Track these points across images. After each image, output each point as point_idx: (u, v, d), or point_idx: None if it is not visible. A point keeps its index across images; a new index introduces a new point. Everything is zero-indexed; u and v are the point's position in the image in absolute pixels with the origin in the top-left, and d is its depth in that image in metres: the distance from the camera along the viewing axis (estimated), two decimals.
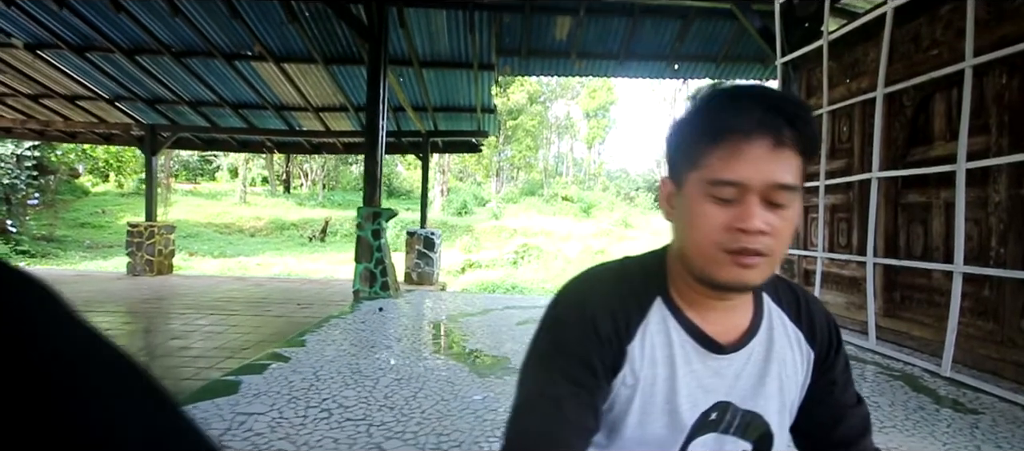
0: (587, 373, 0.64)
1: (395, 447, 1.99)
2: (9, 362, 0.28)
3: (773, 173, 0.58)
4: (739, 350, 0.69)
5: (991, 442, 2.24)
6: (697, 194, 0.61)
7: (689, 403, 0.68)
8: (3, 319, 0.31)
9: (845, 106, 4.44)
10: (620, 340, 0.67)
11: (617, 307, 0.68)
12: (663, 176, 0.69)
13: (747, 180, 0.59)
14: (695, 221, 0.62)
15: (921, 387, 3.01)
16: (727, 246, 0.60)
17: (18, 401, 0.28)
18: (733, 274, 0.61)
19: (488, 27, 6.53)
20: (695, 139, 0.62)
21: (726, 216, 0.60)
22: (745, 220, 0.58)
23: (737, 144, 0.59)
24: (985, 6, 3.33)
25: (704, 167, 0.60)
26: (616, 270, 0.73)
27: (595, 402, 0.65)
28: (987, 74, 3.33)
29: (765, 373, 0.71)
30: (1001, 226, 3.26)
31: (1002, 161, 3.11)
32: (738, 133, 0.59)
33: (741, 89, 0.61)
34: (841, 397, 0.75)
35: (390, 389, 2.65)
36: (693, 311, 0.69)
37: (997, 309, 3.28)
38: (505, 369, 3.09)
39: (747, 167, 0.58)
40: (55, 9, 6.20)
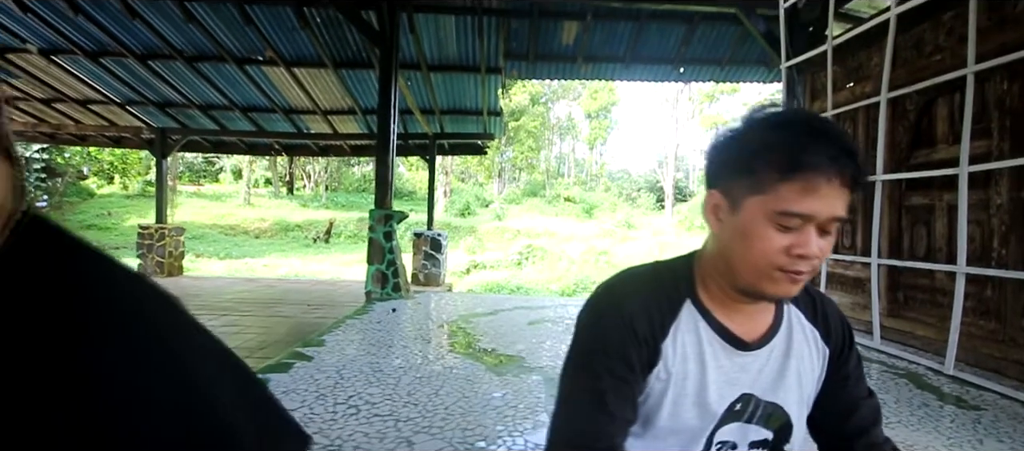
0: (626, 369, 0.71)
1: (423, 441, 2.08)
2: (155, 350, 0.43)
3: (835, 209, 0.64)
4: (762, 347, 0.76)
5: (993, 437, 2.32)
6: (760, 218, 0.66)
7: (717, 395, 0.74)
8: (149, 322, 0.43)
9: (849, 110, 4.53)
10: (655, 338, 0.73)
11: (652, 308, 0.74)
12: (711, 190, 0.73)
13: (815, 214, 0.64)
14: (755, 243, 0.67)
15: (925, 385, 3.10)
16: (784, 267, 0.66)
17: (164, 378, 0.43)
18: (783, 289, 0.68)
19: (496, 32, 6.63)
20: (764, 167, 0.65)
21: (786, 241, 0.65)
22: (805, 247, 0.65)
23: (813, 182, 0.63)
24: (986, 13, 3.42)
25: (773, 196, 0.64)
26: (649, 274, 0.80)
27: (633, 395, 0.72)
28: (989, 80, 3.41)
29: (785, 368, 0.77)
30: (1003, 228, 3.35)
31: (1004, 165, 3.20)
32: (816, 172, 0.62)
33: (815, 126, 0.65)
34: (854, 390, 0.81)
35: (412, 386, 2.75)
36: (720, 312, 0.76)
37: (999, 309, 3.36)
38: (521, 368, 3.18)
39: (818, 204, 0.63)
40: (71, 16, 6.31)
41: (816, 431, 0.84)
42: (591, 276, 14.82)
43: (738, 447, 0.77)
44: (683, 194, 32.05)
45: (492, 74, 7.54)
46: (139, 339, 0.43)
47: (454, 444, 2.06)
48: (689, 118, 34.44)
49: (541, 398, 2.65)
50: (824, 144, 0.63)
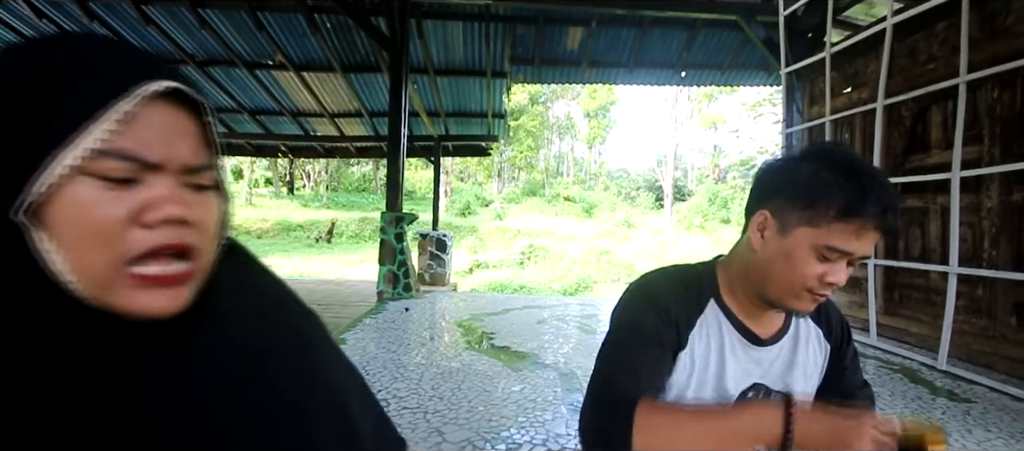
0: (659, 347, 0.82)
1: (452, 431, 2.24)
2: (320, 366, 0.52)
3: (870, 249, 0.76)
4: (774, 344, 0.89)
5: (981, 426, 2.49)
6: (806, 246, 0.75)
7: (734, 383, 0.87)
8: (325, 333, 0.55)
9: (847, 115, 4.69)
10: (683, 327, 0.85)
11: (681, 302, 0.87)
12: (762, 210, 0.81)
13: (856, 252, 0.74)
14: (797, 267, 0.76)
15: (919, 379, 3.26)
16: (813, 290, 0.77)
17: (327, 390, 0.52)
18: (804, 307, 0.80)
19: (502, 38, 6.78)
20: (823, 205, 0.74)
21: (822, 269, 0.75)
22: (837, 276, 0.75)
23: (863, 228, 0.73)
24: (978, 25, 3.58)
25: (825, 231, 0.74)
26: (677, 274, 0.93)
27: (662, 369, 0.82)
28: (980, 88, 3.57)
29: (793, 363, 0.91)
30: (993, 230, 3.51)
31: (994, 170, 3.37)
32: (866, 220, 0.72)
33: (873, 177, 0.74)
34: (851, 380, 0.94)
35: (435, 382, 2.90)
36: (740, 312, 0.89)
37: (990, 307, 3.53)
38: (536, 364, 3.34)
39: (860, 245, 0.74)
40: (86, 22, 6.44)
41: None
42: (593, 275, 14.98)
43: None
44: (682, 193, 32.21)
45: (497, 78, 7.69)
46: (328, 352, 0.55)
47: (481, 434, 2.22)
48: (688, 117, 34.59)
49: (558, 391, 2.81)
50: (876, 197, 0.72)
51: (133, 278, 0.38)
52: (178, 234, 0.39)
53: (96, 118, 0.36)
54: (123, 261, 0.37)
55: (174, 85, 0.39)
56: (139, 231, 0.38)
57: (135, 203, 0.38)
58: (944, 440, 0.65)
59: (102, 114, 0.36)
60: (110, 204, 0.37)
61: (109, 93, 0.36)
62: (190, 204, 0.40)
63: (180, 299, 0.40)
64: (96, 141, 0.36)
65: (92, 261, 0.37)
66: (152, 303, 0.39)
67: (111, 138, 0.36)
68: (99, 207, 0.36)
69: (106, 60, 0.38)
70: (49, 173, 0.35)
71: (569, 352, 3.70)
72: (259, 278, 0.53)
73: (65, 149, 0.35)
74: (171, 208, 0.38)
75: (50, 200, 0.36)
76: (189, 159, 0.40)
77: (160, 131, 0.38)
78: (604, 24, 6.60)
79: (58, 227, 0.36)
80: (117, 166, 0.37)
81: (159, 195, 0.38)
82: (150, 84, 0.38)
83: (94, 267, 0.37)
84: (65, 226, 0.36)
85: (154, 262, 0.38)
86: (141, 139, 0.37)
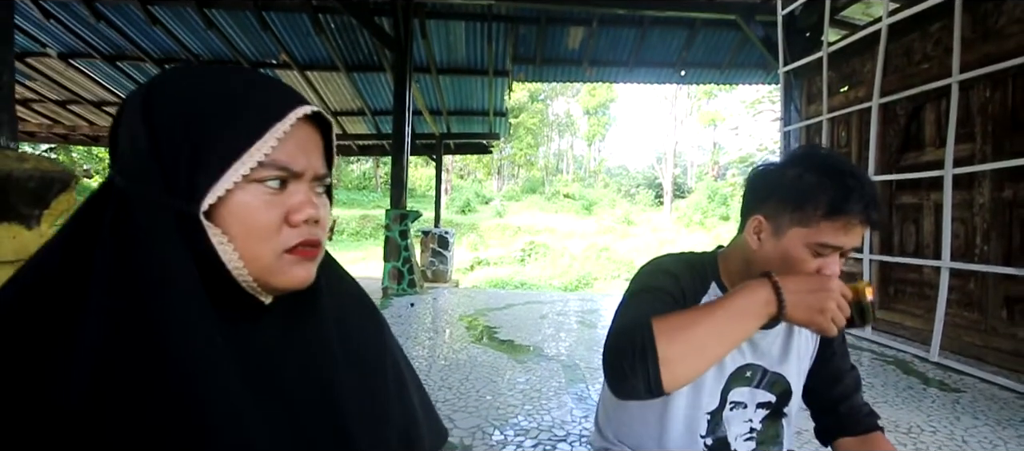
0: (672, 298, 0.89)
1: (462, 418, 2.34)
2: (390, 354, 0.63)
3: (858, 242, 0.84)
4: (771, 327, 0.96)
5: (969, 414, 2.59)
6: (800, 245, 0.82)
7: (730, 359, 0.95)
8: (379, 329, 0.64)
9: (843, 114, 4.78)
10: (691, 297, 0.93)
11: (688, 279, 0.95)
12: (756, 215, 0.88)
13: (845, 246, 0.81)
14: (793, 265, 0.83)
15: (911, 370, 3.36)
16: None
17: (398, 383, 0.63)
18: None
19: (504, 37, 6.87)
20: (811, 207, 0.81)
21: (816, 264, 0.82)
22: (830, 269, 0.82)
23: (850, 224, 0.80)
24: (971, 26, 3.66)
25: (815, 230, 0.81)
26: (683, 258, 1.01)
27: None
28: (973, 88, 3.66)
29: (788, 346, 0.98)
30: (985, 225, 3.61)
31: (986, 168, 3.46)
32: (851, 216, 0.79)
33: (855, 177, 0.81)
34: (839, 363, 1.01)
35: (443, 373, 3.00)
36: None
37: (981, 301, 3.63)
38: (540, 356, 3.44)
39: (848, 239, 0.81)
40: (92, 22, 6.51)
41: (808, 396, 1.04)
42: (593, 272, 15.09)
43: (748, 406, 0.98)
44: (681, 191, 32.29)
45: (499, 77, 7.77)
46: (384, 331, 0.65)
47: (490, 420, 2.32)
48: (687, 115, 34.66)
49: (562, 382, 2.91)
50: (859, 195, 0.79)
51: (286, 261, 0.47)
52: (313, 231, 0.49)
53: (262, 137, 0.45)
54: (281, 251, 0.47)
55: (317, 110, 0.49)
56: (288, 229, 0.47)
57: (285, 207, 0.47)
58: (870, 286, 0.81)
59: (266, 134, 0.45)
60: (270, 208, 0.46)
61: (270, 118, 0.46)
62: (318, 206, 0.49)
63: (313, 274, 0.50)
64: (261, 155, 0.45)
65: (261, 252, 0.46)
66: (297, 278, 0.48)
67: (272, 153, 0.45)
68: (263, 210, 0.46)
69: (265, 91, 0.47)
70: (226, 181, 0.44)
71: (572, 345, 3.80)
72: (339, 268, 0.63)
73: (238, 161, 0.44)
74: (310, 210, 0.48)
75: (222, 203, 0.44)
76: (319, 169, 0.50)
77: (303, 147, 0.48)
78: (605, 24, 6.69)
79: (230, 225, 0.45)
80: (273, 175, 0.46)
81: (301, 200, 0.48)
82: (300, 109, 0.47)
83: (262, 257, 0.46)
84: (237, 224, 0.45)
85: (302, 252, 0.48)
86: (290, 153, 0.47)
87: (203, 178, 0.43)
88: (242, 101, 0.46)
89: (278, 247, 0.47)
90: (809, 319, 0.75)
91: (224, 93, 0.46)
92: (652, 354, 0.71)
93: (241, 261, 0.46)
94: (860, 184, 0.80)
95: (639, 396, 0.74)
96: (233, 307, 0.47)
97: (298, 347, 0.51)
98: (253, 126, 0.45)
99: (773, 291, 0.75)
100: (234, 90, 0.46)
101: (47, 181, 1.07)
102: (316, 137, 0.50)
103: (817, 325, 0.75)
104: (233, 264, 0.46)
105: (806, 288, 0.75)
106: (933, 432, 2.37)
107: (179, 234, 0.44)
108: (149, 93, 0.46)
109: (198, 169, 0.44)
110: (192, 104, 0.45)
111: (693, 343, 0.73)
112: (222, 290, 0.46)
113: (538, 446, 2.10)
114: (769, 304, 0.75)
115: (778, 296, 0.75)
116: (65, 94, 8.73)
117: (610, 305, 5.58)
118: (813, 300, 0.74)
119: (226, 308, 0.46)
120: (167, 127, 0.44)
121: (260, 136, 0.45)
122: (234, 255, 0.45)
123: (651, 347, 0.72)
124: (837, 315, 0.75)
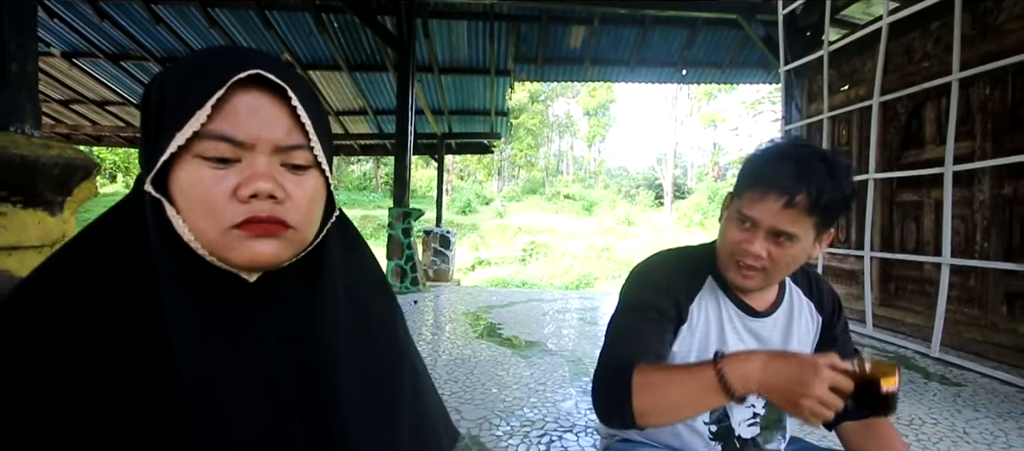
0: (660, 316, 0.90)
1: (469, 410, 2.36)
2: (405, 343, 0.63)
3: (779, 221, 0.81)
4: (769, 315, 0.98)
5: (970, 407, 2.62)
6: (732, 214, 0.88)
7: (732, 351, 0.94)
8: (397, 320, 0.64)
9: (844, 112, 4.81)
10: (684, 300, 0.94)
11: (680, 278, 0.96)
12: (728, 192, 0.94)
13: (759, 219, 0.83)
14: (723, 234, 0.89)
15: (912, 366, 3.39)
16: (737, 258, 0.87)
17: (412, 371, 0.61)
18: (735, 278, 0.90)
19: (506, 36, 6.90)
20: (743, 178, 0.87)
21: (740, 237, 0.86)
22: (750, 244, 0.84)
23: (762, 195, 0.82)
24: (971, 23, 3.69)
25: (739, 199, 0.86)
26: (677, 254, 1.03)
27: (664, 339, 0.91)
28: (973, 85, 3.69)
29: (789, 333, 1.00)
30: (985, 222, 3.64)
31: (986, 164, 3.49)
32: (766, 187, 0.82)
33: (787, 153, 0.83)
34: (842, 350, 0.99)
35: (449, 367, 3.03)
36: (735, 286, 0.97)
37: (981, 297, 3.65)
38: (544, 351, 3.47)
39: (761, 212, 0.82)
40: (96, 21, 6.54)
41: None
42: (594, 272, 15.11)
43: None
44: (682, 191, 32.31)
45: (501, 76, 7.80)
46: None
47: (496, 412, 2.34)
48: (688, 116, 34.70)
49: (566, 375, 2.93)
50: (784, 169, 0.80)
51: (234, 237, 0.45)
52: (269, 207, 0.45)
53: (201, 107, 0.43)
54: (227, 227, 0.45)
55: (255, 71, 0.44)
56: (236, 204, 0.45)
57: (233, 181, 0.45)
58: (895, 373, 0.68)
59: (204, 103, 0.43)
60: (216, 182, 0.44)
61: (212, 87, 0.43)
62: (285, 181, 0.46)
63: (278, 252, 0.47)
64: (197, 125, 0.43)
65: (206, 227, 0.45)
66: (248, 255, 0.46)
67: (208, 122, 0.43)
68: (205, 184, 0.44)
69: (214, 61, 0.45)
70: (166, 153, 0.43)
71: (575, 340, 3.82)
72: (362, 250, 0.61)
73: (179, 132, 0.43)
74: (260, 184, 0.44)
75: (173, 177, 0.45)
76: (279, 139, 0.46)
77: (249, 114, 0.45)
78: (606, 23, 6.72)
79: (179, 199, 0.45)
80: (215, 147, 0.44)
81: (251, 174, 0.45)
82: (237, 74, 0.44)
83: (208, 232, 0.45)
84: (182, 198, 0.45)
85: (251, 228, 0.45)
86: (233, 122, 0.44)
87: (155, 154, 0.44)
88: (196, 73, 0.45)
89: (223, 222, 0.44)
90: (788, 407, 0.67)
91: (186, 68, 0.45)
92: (628, 406, 0.77)
93: (192, 234, 0.45)
94: (791, 160, 0.81)
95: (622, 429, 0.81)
96: (211, 286, 0.47)
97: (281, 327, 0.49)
98: (196, 97, 0.43)
99: (716, 376, 0.71)
100: (194, 64, 0.45)
101: (71, 168, 1.10)
102: (276, 105, 0.46)
103: (798, 416, 0.67)
104: (187, 238, 0.45)
105: (785, 374, 0.67)
106: (935, 424, 2.40)
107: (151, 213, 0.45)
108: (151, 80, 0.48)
109: (156, 146, 0.44)
110: (164, 86, 0.45)
111: (665, 403, 0.77)
112: (197, 269, 0.46)
113: (545, 436, 2.12)
114: (715, 391, 0.71)
115: (721, 380, 0.70)
116: (68, 94, 8.76)
117: (611, 303, 5.60)
118: (791, 387, 0.66)
119: (203, 287, 0.46)
120: (147, 112, 0.46)
121: (200, 107, 0.43)
122: (184, 228, 0.45)
123: (627, 401, 0.77)
124: (822, 409, 0.65)
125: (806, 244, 0.84)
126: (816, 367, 0.66)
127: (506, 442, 2.05)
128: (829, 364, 0.66)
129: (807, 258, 0.88)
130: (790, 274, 1.01)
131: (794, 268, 0.88)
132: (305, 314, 0.50)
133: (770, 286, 0.92)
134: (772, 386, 0.68)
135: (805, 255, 0.86)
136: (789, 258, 0.85)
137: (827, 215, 0.82)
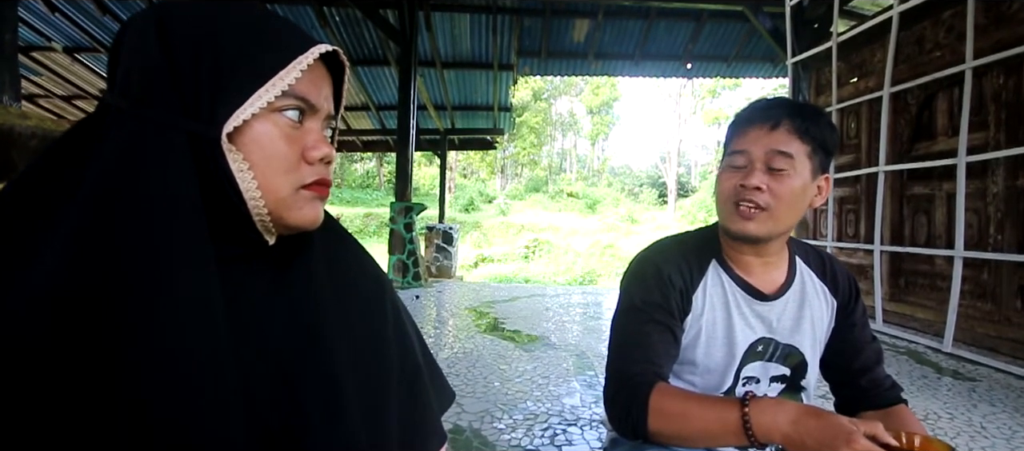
0: (667, 314, 0.87)
1: (471, 403, 2.31)
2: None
3: (771, 143, 0.82)
4: (779, 299, 0.92)
5: (986, 402, 2.55)
6: (724, 164, 0.89)
7: (742, 337, 0.90)
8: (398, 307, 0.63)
9: (853, 104, 4.73)
10: (688, 290, 0.89)
11: (683, 266, 0.91)
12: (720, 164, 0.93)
13: (750, 149, 0.83)
14: (719, 185, 0.89)
15: (925, 361, 3.32)
16: (737, 199, 0.84)
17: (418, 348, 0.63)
18: (737, 225, 0.85)
19: (509, 30, 6.83)
20: (727, 137, 0.90)
21: (736, 179, 0.84)
22: (748, 179, 0.82)
23: (748, 127, 0.85)
24: (983, 12, 3.61)
25: (727, 147, 0.89)
26: (677, 241, 0.98)
27: (675, 335, 0.88)
28: (986, 75, 3.61)
29: (800, 317, 0.93)
30: (999, 215, 3.55)
31: (999, 155, 3.41)
32: (748, 122, 0.85)
33: (759, 101, 0.87)
34: (860, 335, 0.96)
35: (451, 361, 2.97)
36: (740, 268, 0.92)
37: (995, 291, 3.57)
38: (547, 345, 3.41)
39: (749, 141, 0.84)
40: (98, 16, 6.52)
41: (828, 370, 0.99)
42: (597, 269, 15.05)
43: (760, 381, 0.93)
44: (685, 190, 32.20)
45: (504, 71, 7.74)
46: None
47: (499, 406, 2.29)
48: (691, 114, 34.56)
49: (569, 369, 2.87)
50: (759, 106, 0.85)
51: (302, 197, 0.47)
52: (328, 170, 0.49)
53: (285, 67, 0.44)
54: (298, 186, 0.47)
55: (337, 49, 0.49)
56: (305, 165, 0.47)
57: (302, 143, 0.47)
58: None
59: (290, 64, 0.44)
60: (291, 141, 0.46)
61: (294, 50, 0.45)
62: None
63: (321, 215, 0.51)
64: (285, 85, 0.44)
65: (280, 184, 0.46)
66: (310, 215, 0.49)
67: (295, 84, 0.45)
68: (284, 141, 0.45)
69: (287, 26, 0.48)
70: (251, 106, 0.43)
71: (578, 334, 3.76)
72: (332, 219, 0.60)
73: (263, 87, 0.43)
74: (326, 148, 0.48)
75: (242, 131, 0.44)
76: (330, 109, 0.50)
77: (321, 84, 0.48)
78: (610, 16, 6.65)
79: (250, 152, 0.44)
80: (293, 105, 0.46)
81: (318, 138, 0.48)
82: (321, 47, 0.47)
83: (281, 189, 0.46)
84: (258, 152, 0.44)
85: (318, 189, 0.48)
86: (311, 88, 0.47)
87: (225, 102, 0.42)
88: (265, 31, 0.45)
89: (296, 181, 0.46)
90: None
91: (246, 22, 0.45)
92: (643, 427, 0.77)
93: (259, 191, 0.45)
94: (758, 102, 0.86)
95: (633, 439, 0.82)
96: (231, 244, 0.46)
97: (290, 292, 0.50)
98: (277, 56, 0.44)
99: (740, 419, 0.69)
100: (256, 20, 0.46)
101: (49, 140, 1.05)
102: (329, 80, 0.50)
103: None
104: (251, 194, 0.44)
105: (817, 436, 0.64)
106: (950, 418, 2.33)
107: (192, 158, 0.42)
108: (164, 15, 0.44)
109: (220, 92, 0.42)
110: (214, 28, 0.44)
111: (681, 433, 0.76)
112: (224, 225, 0.45)
113: (548, 429, 2.06)
114: (737, 435, 0.70)
115: (745, 425, 0.69)
116: (70, 89, 8.75)
117: (614, 299, 5.53)
118: (823, 441, 0.63)
119: (224, 245, 0.45)
120: (186, 49, 0.42)
121: (284, 66, 0.44)
122: (252, 184, 0.44)
123: (643, 422, 0.77)
124: None
125: (805, 178, 0.82)
126: (850, 436, 0.61)
127: (508, 435, 2.00)
128: (869, 433, 0.62)
129: (809, 205, 0.85)
130: (801, 254, 0.97)
131: (797, 209, 0.84)
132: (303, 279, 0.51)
133: (775, 234, 0.86)
134: (798, 444, 0.66)
135: (805, 195, 0.83)
136: (789, 192, 0.81)
137: (816, 141, 0.82)
